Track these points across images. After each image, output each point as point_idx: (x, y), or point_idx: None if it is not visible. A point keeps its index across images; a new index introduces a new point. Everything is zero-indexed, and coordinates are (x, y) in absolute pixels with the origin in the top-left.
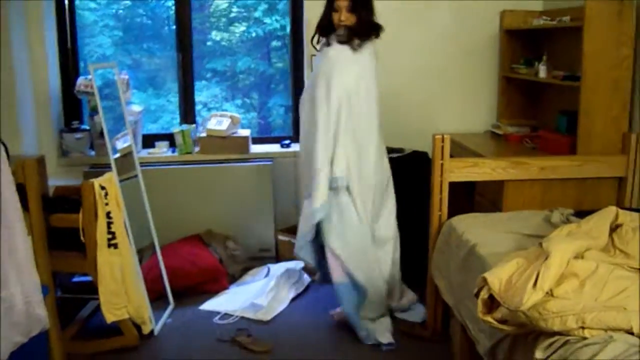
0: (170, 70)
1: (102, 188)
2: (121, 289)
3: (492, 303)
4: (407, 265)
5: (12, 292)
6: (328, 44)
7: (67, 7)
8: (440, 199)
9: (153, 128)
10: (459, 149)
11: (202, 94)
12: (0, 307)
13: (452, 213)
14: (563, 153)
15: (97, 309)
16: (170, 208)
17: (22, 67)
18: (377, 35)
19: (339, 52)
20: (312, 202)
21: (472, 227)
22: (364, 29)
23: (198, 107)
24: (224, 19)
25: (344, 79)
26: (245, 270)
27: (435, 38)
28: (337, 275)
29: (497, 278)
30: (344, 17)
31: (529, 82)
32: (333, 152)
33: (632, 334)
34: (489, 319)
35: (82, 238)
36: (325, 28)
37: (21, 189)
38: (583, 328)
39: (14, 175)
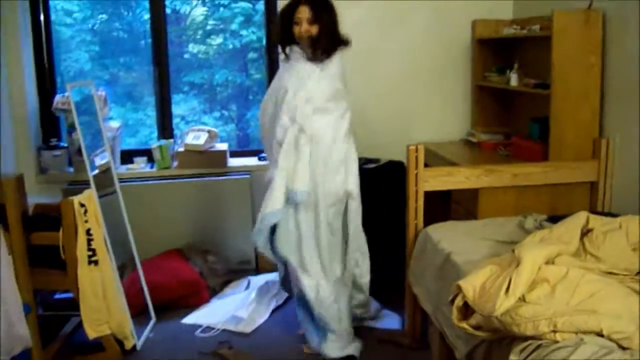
0: (148, 84)
1: (82, 205)
2: (102, 305)
3: (466, 310)
4: (384, 274)
5: None
6: (289, 57)
7: (43, 23)
8: (415, 208)
9: (132, 142)
10: (434, 158)
11: (180, 107)
12: None
13: (428, 221)
14: (536, 159)
15: (79, 325)
16: (149, 223)
17: None
18: (344, 45)
19: (305, 68)
20: (263, 208)
21: (447, 235)
22: (329, 41)
23: (176, 120)
24: (200, 32)
25: (311, 94)
26: (226, 283)
27: (408, 48)
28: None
29: (471, 285)
30: (305, 30)
31: (501, 90)
32: (294, 165)
33: (602, 336)
34: (464, 325)
35: (62, 255)
36: (287, 41)
37: (1, 208)
38: (555, 332)
39: None
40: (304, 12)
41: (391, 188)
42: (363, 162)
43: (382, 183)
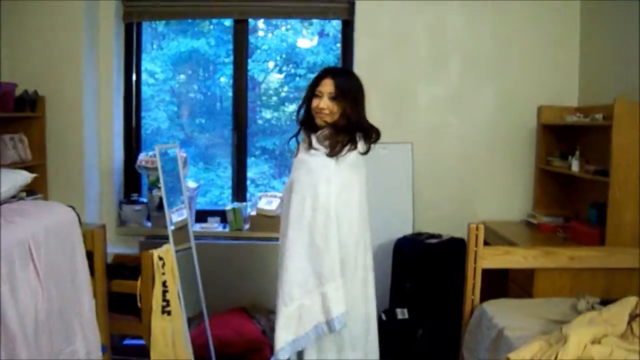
0: (221, 146)
1: (160, 259)
2: (171, 353)
3: None
4: (441, 344)
5: (76, 347)
6: (310, 145)
7: (134, 83)
8: (473, 284)
9: (201, 201)
10: (495, 237)
11: (251, 170)
12: None
13: (484, 297)
14: (593, 244)
15: None
16: (219, 280)
17: (91, 142)
18: (370, 139)
19: (320, 161)
20: (276, 341)
21: (502, 311)
22: (349, 128)
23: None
24: (274, 98)
25: (325, 191)
26: None
27: (475, 128)
28: None
29: (520, 358)
30: (324, 105)
31: (563, 174)
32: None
33: None
34: None
35: (139, 303)
36: (308, 123)
37: (89, 256)
38: None
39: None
40: (327, 86)
41: (451, 263)
42: (425, 237)
43: (442, 258)
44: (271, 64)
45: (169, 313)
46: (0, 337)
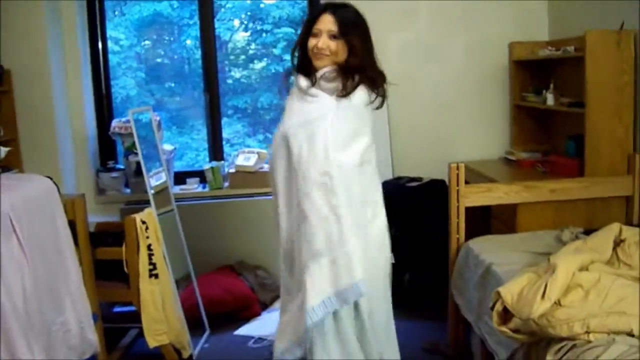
0: (192, 109)
1: (143, 222)
2: (162, 316)
3: (506, 315)
4: (429, 287)
5: (67, 317)
6: (308, 89)
7: (101, 51)
8: (457, 223)
9: (178, 165)
10: (475, 176)
11: (225, 131)
12: (58, 332)
13: (469, 236)
14: (572, 176)
15: (138, 337)
16: (203, 241)
17: (62, 114)
18: (380, 80)
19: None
20: (307, 298)
21: (488, 248)
22: (360, 68)
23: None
24: (243, 57)
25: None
26: (276, 297)
27: (447, 70)
28: None
29: (509, 291)
30: (323, 44)
31: (539, 109)
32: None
33: (632, 336)
34: (503, 329)
35: (125, 269)
36: (302, 68)
37: (71, 225)
38: (588, 333)
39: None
40: (325, 23)
41: (433, 205)
42: (406, 180)
43: (424, 200)
44: (236, 23)
45: (156, 276)
46: None
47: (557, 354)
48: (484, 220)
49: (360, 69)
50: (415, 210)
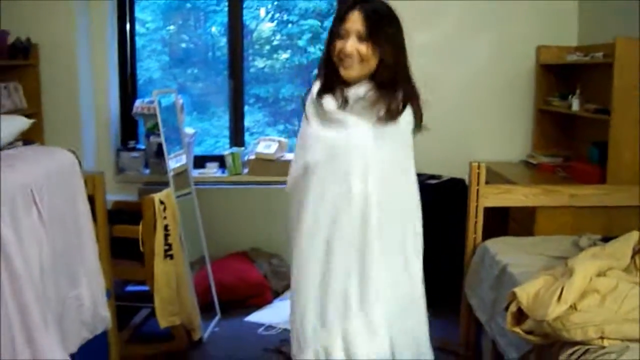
0: (215, 95)
1: (161, 203)
2: (175, 296)
3: (520, 316)
4: (443, 285)
5: (81, 291)
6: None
7: (128, 32)
8: (475, 223)
9: (197, 150)
10: (495, 177)
11: (246, 119)
12: (72, 305)
13: (486, 236)
14: (594, 182)
15: (149, 316)
16: (219, 225)
17: (86, 91)
18: (415, 102)
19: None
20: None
21: (505, 249)
22: (393, 82)
23: None
24: (267, 47)
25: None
26: (289, 286)
27: (474, 71)
28: None
29: (525, 292)
30: (351, 48)
31: (562, 114)
32: None
33: None
34: (517, 330)
35: (141, 248)
36: (328, 76)
37: (90, 201)
38: (602, 338)
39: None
40: (354, 22)
41: (452, 203)
42: (426, 177)
43: (443, 198)
44: (263, 12)
45: (171, 257)
46: (4, 280)
47: (570, 358)
48: (501, 222)
49: (398, 81)
50: (433, 208)
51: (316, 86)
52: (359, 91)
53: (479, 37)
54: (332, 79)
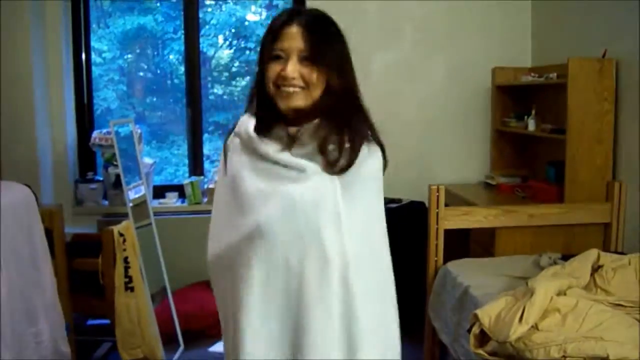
0: (174, 123)
1: (121, 235)
2: (137, 329)
3: (483, 337)
4: (406, 309)
5: (41, 328)
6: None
7: (84, 63)
8: (436, 245)
9: (157, 180)
10: (454, 199)
11: (205, 147)
12: (30, 342)
13: (447, 258)
14: (552, 201)
15: (111, 350)
16: (180, 255)
17: (43, 123)
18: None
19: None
20: None
21: (466, 271)
22: (345, 113)
23: None
24: (226, 73)
25: None
26: None
27: (430, 93)
28: None
29: (487, 314)
30: (292, 71)
31: (519, 134)
32: None
33: None
34: (480, 352)
35: (101, 281)
36: (262, 110)
37: (47, 235)
38: (565, 357)
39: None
40: (294, 39)
41: (412, 227)
42: (386, 201)
43: (403, 222)
44: (221, 39)
45: (132, 289)
46: None
47: None
48: (462, 243)
49: (344, 116)
50: (394, 232)
51: (250, 123)
52: (310, 128)
53: (434, 61)
54: (267, 114)
